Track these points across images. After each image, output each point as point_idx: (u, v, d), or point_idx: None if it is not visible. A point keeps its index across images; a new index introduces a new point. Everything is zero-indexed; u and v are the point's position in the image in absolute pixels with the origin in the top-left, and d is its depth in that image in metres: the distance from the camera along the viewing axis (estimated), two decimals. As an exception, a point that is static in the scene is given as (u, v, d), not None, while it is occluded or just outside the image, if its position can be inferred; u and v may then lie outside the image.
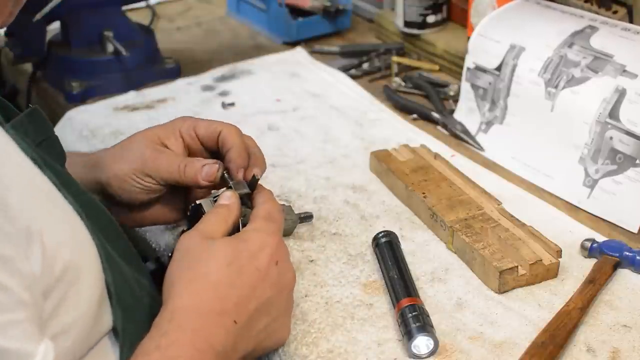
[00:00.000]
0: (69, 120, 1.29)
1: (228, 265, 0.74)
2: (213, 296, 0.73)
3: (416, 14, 1.45)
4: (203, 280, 0.74)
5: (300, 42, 1.55)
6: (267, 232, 0.79)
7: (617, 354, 0.81)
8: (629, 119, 1.02)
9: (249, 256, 0.76)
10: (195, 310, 0.72)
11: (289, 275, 0.80)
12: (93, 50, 1.39)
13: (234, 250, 0.76)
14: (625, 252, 0.93)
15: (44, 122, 0.78)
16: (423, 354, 0.80)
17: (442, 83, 1.36)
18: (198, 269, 0.74)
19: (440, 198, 1.01)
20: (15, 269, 0.56)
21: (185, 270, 0.74)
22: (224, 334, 0.72)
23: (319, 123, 1.26)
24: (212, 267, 0.74)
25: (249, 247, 0.77)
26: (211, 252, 0.75)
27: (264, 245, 0.77)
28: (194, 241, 0.77)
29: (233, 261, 0.75)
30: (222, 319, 0.72)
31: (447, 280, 0.92)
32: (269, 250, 0.78)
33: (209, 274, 0.74)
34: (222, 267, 0.74)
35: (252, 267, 0.76)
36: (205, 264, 0.74)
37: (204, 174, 0.88)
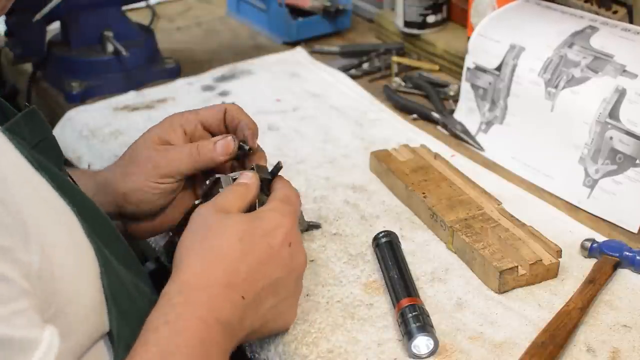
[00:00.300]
0: (69, 120, 1.29)
1: (240, 239, 0.75)
2: (222, 269, 0.73)
3: (416, 14, 1.45)
4: (213, 252, 0.74)
5: (300, 42, 1.55)
6: (283, 213, 0.79)
7: (617, 354, 0.81)
8: (629, 119, 1.02)
9: (262, 233, 0.76)
10: (204, 282, 0.72)
11: (300, 258, 0.80)
12: (93, 50, 1.39)
13: (248, 225, 0.76)
14: (625, 252, 0.93)
15: (41, 122, 0.77)
16: (423, 354, 0.80)
17: (442, 83, 1.36)
18: (210, 241, 0.74)
19: (440, 198, 1.01)
20: (16, 258, 0.55)
21: (197, 242, 0.74)
22: (231, 307, 0.72)
23: (319, 123, 1.26)
24: (224, 240, 0.74)
25: (263, 224, 0.77)
26: (225, 226, 0.75)
27: (278, 225, 0.78)
28: (209, 214, 0.77)
29: (245, 236, 0.75)
30: (229, 293, 0.72)
31: (447, 280, 0.92)
32: (283, 230, 0.78)
33: (220, 246, 0.74)
34: (234, 241, 0.74)
35: (264, 245, 0.76)
36: (217, 237, 0.75)
37: (219, 149, 0.88)
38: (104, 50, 1.38)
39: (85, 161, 1.21)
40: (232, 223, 0.76)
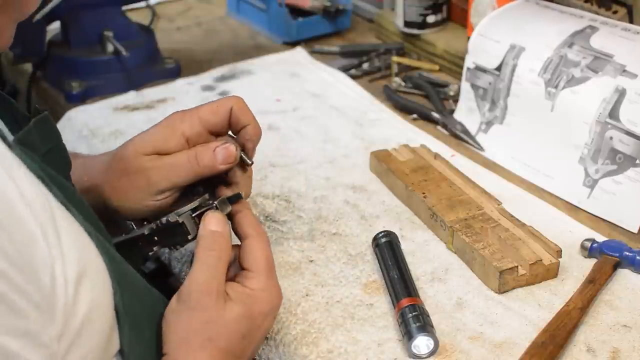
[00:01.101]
0: (69, 120, 1.29)
1: (243, 337, 0.76)
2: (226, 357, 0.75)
3: (416, 14, 1.45)
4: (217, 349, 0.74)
5: (300, 42, 1.55)
6: (273, 289, 0.79)
7: (617, 354, 0.81)
8: (629, 119, 1.02)
9: (259, 324, 0.77)
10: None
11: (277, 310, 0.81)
12: (93, 50, 1.39)
13: (247, 321, 0.76)
14: (625, 252, 0.93)
15: (52, 129, 0.76)
16: (423, 354, 0.80)
17: (442, 83, 1.36)
18: (213, 337, 0.74)
19: (440, 198, 1.01)
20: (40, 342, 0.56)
21: (199, 333, 0.74)
22: None
23: (319, 123, 1.26)
24: (230, 340, 0.75)
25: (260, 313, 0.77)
26: (227, 321, 0.75)
27: (272, 309, 0.79)
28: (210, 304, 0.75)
29: (247, 333, 0.76)
30: None
31: (447, 280, 0.92)
32: (275, 311, 0.79)
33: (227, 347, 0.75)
34: (238, 339, 0.76)
35: (261, 331, 0.78)
36: (220, 334, 0.75)
37: (220, 158, 0.84)
38: (104, 50, 1.38)
39: (85, 161, 1.21)
40: (234, 321, 0.76)
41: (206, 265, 0.76)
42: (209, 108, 0.86)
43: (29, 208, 0.57)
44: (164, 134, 0.86)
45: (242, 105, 0.86)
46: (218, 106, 0.86)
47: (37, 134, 0.72)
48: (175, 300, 0.76)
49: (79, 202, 0.69)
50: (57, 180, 0.65)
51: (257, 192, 1.08)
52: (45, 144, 0.73)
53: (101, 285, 0.65)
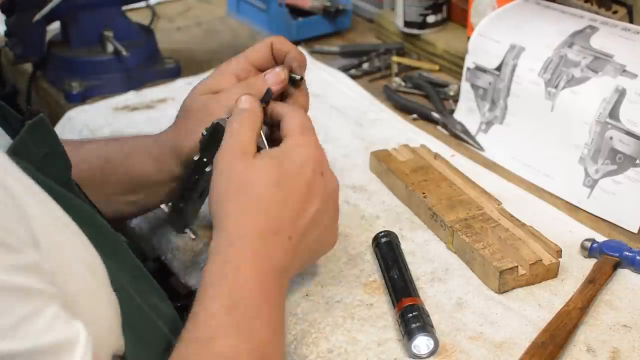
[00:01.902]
0: (69, 120, 1.29)
1: (277, 185, 0.75)
2: (267, 217, 0.74)
3: (416, 14, 1.45)
4: (255, 203, 0.74)
5: (300, 42, 1.55)
6: (307, 145, 0.79)
7: (617, 354, 0.81)
8: (629, 119, 1.02)
9: (295, 173, 0.77)
10: (252, 233, 0.73)
11: (333, 184, 0.81)
12: (93, 50, 1.39)
13: (279, 168, 0.76)
14: (625, 252, 0.93)
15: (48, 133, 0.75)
16: (423, 354, 0.80)
17: (442, 83, 1.36)
18: (248, 192, 0.74)
19: (440, 198, 1.01)
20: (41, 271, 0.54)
21: (232, 193, 0.74)
22: (282, 252, 0.73)
23: (319, 123, 1.25)
24: (262, 188, 0.74)
25: (294, 164, 0.77)
26: (257, 173, 0.75)
27: (307, 159, 0.78)
28: (235, 160, 0.76)
29: (281, 180, 0.75)
30: (278, 238, 0.74)
31: (447, 280, 0.92)
32: (312, 163, 0.78)
33: (260, 195, 0.74)
34: (272, 188, 0.75)
35: (300, 183, 0.76)
36: (255, 186, 0.75)
37: (271, 80, 0.88)
38: (104, 50, 1.38)
39: (85, 161, 1.21)
40: (265, 169, 0.76)
41: (230, 132, 0.79)
42: (252, 48, 0.93)
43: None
44: (217, 77, 0.92)
45: (282, 39, 0.92)
46: (260, 45, 0.93)
47: (32, 140, 0.71)
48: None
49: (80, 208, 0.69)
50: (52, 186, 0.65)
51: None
52: (41, 149, 0.72)
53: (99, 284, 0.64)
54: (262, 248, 0.72)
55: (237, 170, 0.75)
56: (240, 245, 0.72)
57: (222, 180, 0.76)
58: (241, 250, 0.71)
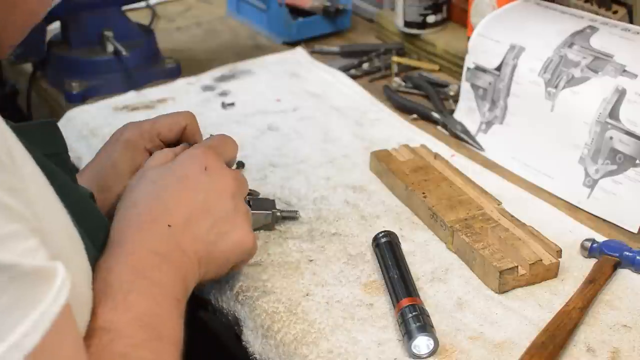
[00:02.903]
0: (69, 120, 1.29)
1: (153, 182, 0.81)
2: (141, 210, 0.78)
3: (416, 14, 1.45)
4: (132, 201, 0.79)
5: (300, 42, 1.55)
6: (195, 147, 0.85)
7: (617, 354, 0.81)
8: (629, 119, 1.02)
9: (173, 171, 0.82)
10: (132, 225, 0.77)
11: (224, 179, 0.83)
12: (93, 50, 1.39)
13: (161, 169, 0.82)
14: (625, 252, 0.93)
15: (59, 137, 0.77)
16: (423, 354, 0.80)
17: (442, 83, 1.36)
18: (128, 193, 0.81)
19: (440, 198, 1.01)
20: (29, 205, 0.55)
21: (121, 202, 0.80)
22: (161, 237, 0.76)
23: (319, 123, 1.26)
24: (140, 187, 0.80)
25: (175, 163, 0.83)
26: (142, 177, 0.82)
27: (190, 157, 0.83)
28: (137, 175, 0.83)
29: (158, 178, 0.81)
30: (154, 226, 0.77)
31: (447, 280, 0.92)
32: (194, 160, 0.83)
33: (138, 192, 0.80)
34: (147, 185, 0.81)
35: (174, 178, 0.81)
36: (135, 188, 0.81)
37: None
38: (104, 50, 1.38)
39: (85, 161, 1.20)
40: (149, 173, 0.82)
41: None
42: (166, 125, 0.94)
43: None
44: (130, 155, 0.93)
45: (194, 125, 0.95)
46: (173, 124, 0.94)
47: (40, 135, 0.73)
48: None
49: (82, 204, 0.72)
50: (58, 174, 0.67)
51: (257, 192, 1.08)
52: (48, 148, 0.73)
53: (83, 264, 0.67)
54: (138, 235, 0.76)
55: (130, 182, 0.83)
56: (119, 236, 0.76)
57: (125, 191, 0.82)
58: (119, 240, 0.75)
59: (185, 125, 0.93)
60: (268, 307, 0.88)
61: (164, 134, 0.93)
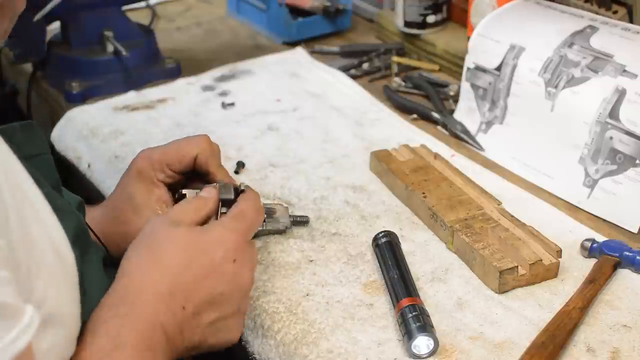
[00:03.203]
0: (69, 120, 1.29)
1: (183, 250, 0.76)
2: (163, 278, 0.74)
3: (416, 14, 1.45)
4: (156, 261, 0.75)
5: (300, 42, 1.55)
6: (230, 229, 0.79)
7: (617, 354, 0.81)
8: (629, 119, 1.02)
9: (204, 247, 0.77)
10: (147, 288, 0.73)
11: (245, 277, 0.80)
12: (93, 50, 1.39)
13: (192, 238, 0.77)
14: (625, 252, 0.93)
15: (39, 138, 0.76)
16: (423, 354, 0.80)
17: (442, 83, 1.36)
18: (154, 250, 0.76)
19: (440, 198, 1.01)
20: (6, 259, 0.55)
21: (141, 250, 0.76)
22: (172, 316, 0.73)
23: (319, 123, 1.26)
24: (168, 250, 0.76)
25: (207, 238, 0.78)
26: (170, 236, 0.77)
27: (222, 241, 0.78)
28: (160, 224, 0.78)
29: (188, 248, 0.76)
30: (171, 302, 0.74)
31: (447, 280, 0.92)
32: (226, 246, 0.78)
33: (164, 256, 0.75)
34: (176, 252, 0.76)
35: (205, 258, 0.77)
36: (162, 247, 0.76)
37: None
38: (104, 50, 1.38)
39: (85, 161, 1.21)
40: (178, 234, 0.77)
41: (173, 208, 0.82)
42: (175, 156, 0.91)
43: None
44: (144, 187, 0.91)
45: (206, 153, 0.91)
46: (183, 155, 0.91)
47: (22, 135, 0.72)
48: None
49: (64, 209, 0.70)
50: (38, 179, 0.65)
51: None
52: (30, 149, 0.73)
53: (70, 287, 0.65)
54: (153, 304, 0.72)
55: (154, 232, 0.78)
56: (135, 295, 0.73)
57: (139, 237, 0.78)
58: (135, 299, 0.72)
59: (195, 154, 0.90)
60: (268, 307, 0.88)
61: (174, 165, 0.91)
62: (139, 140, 1.21)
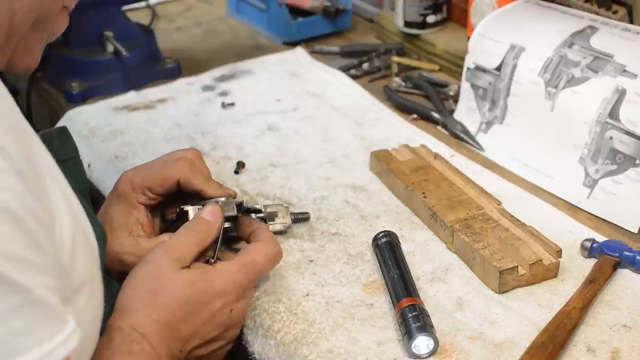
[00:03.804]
0: (69, 120, 1.29)
1: (186, 302, 0.78)
2: (167, 325, 0.77)
3: (416, 14, 1.45)
4: (161, 308, 0.78)
5: (300, 42, 1.55)
6: (235, 280, 0.82)
7: (617, 354, 0.81)
8: (629, 119, 1.02)
9: (207, 299, 0.80)
10: (153, 330, 0.76)
11: (239, 319, 0.84)
12: (93, 50, 1.39)
13: (195, 289, 0.79)
14: (625, 252, 0.93)
15: (71, 142, 0.80)
16: (423, 354, 0.80)
17: (442, 83, 1.36)
18: (159, 296, 0.78)
19: (440, 198, 1.01)
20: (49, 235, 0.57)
21: (146, 292, 0.78)
22: (170, 357, 0.77)
23: (319, 123, 1.26)
24: (173, 299, 0.78)
25: (210, 289, 0.80)
26: (175, 283, 0.79)
27: (224, 293, 0.81)
28: (163, 263, 0.80)
29: (191, 301, 0.79)
30: (172, 345, 0.77)
31: (447, 280, 0.92)
32: (226, 299, 0.81)
33: (168, 304, 0.78)
34: (181, 302, 0.78)
35: (206, 310, 0.80)
36: (166, 294, 0.78)
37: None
38: (104, 50, 1.38)
39: (85, 161, 1.21)
40: (183, 283, 0.79)
41: (177, 235, 0.82)
42: (157, 180, 0.91)
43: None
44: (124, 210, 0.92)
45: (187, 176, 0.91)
46: (164, 179, 0.91)
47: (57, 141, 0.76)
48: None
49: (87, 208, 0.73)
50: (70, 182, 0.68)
51: (257, 192, 1.08)
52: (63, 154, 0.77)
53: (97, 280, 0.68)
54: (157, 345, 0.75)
55: (160, 273, 0.79)
56: (140, 335, 0.75)
57: (143, 271, 0.80)
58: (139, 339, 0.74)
59: (177, 179, 0.91)
60: (268, 307, 0.88)
61: (156, 189, 0.91)
62: (139, 140, 1.21)
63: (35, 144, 0.60)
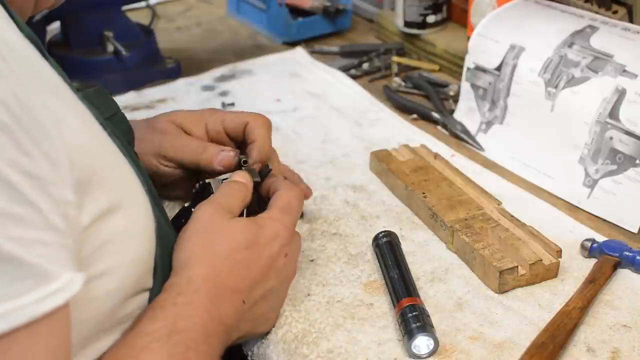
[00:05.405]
0: (69, 120, 1.29)
1: (246, 247, 0.77)
2: (230, 274, 0.76)
3: (416, 14, 1.45)
4: (222, 257, 0.76)
5: (300, 42, 1.56)
6: (282, 223, 0.82)
7: (617, 354, 0.81)
8: (629, 119, 1.02)
9: (264, 243, 0.79)
10: (212, 282, 0.74)
11: (292, 269, 0.85)
12: (93, 50, 1.39)
13: (252, 234, 0.78)
14: (625, 252, 0.93)
15: (111, 99, 0.81)
16: (423, 354, 0.80)
17: (442, 83, 1.36)
18: (218, 245, 0.77)
19: (440, 198, 1.01)
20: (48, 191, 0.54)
21: (204, 243, 0.77)
22: (234, 311, 0.75)
23: (318, 123, 1.26)
24: (232, 247, 0.77)
25: (265, 233, 0.80)
26: (231, 231, 0.78)
27: (277, 235, 0.80)
28: (215, 213, 0.79)
29: (251, 245, 0.78)
30: (234, 297, 0.75)
31: (447, 280, 0.92)
32: (281, 241, 0.81)
33: (229, 252, 0.76)
34: (240, 249, 0.77)
35: (266, 254, 0.79)
36: (225, 242, 0.77)
37: (219, 159, 0.92)
38: (104, 50, 1.38)
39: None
40: (239, 229, 0.78)
41: (222, 191, 0.83)
42: (232, 115, 0.98)
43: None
44: (193, 119, 0.98)
45: (258, 123, 0.96)
46: (238, 116, 0.97)
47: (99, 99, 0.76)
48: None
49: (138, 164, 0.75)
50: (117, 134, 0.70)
51: (257, 192, 1.08)
52: (107, 110, 0.77)
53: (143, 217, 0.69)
54: (217, 298, 0.73)
55: (214, 223, 0.78)
56: (197, 286, 0.73)
57: (197, 226, 0.78)
58: (197, 290, 0.73)
59: (247, 122, 0.95)
60: (268, 307, 0.88)
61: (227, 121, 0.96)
62: (139, 140, 1.21)
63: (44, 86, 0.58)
